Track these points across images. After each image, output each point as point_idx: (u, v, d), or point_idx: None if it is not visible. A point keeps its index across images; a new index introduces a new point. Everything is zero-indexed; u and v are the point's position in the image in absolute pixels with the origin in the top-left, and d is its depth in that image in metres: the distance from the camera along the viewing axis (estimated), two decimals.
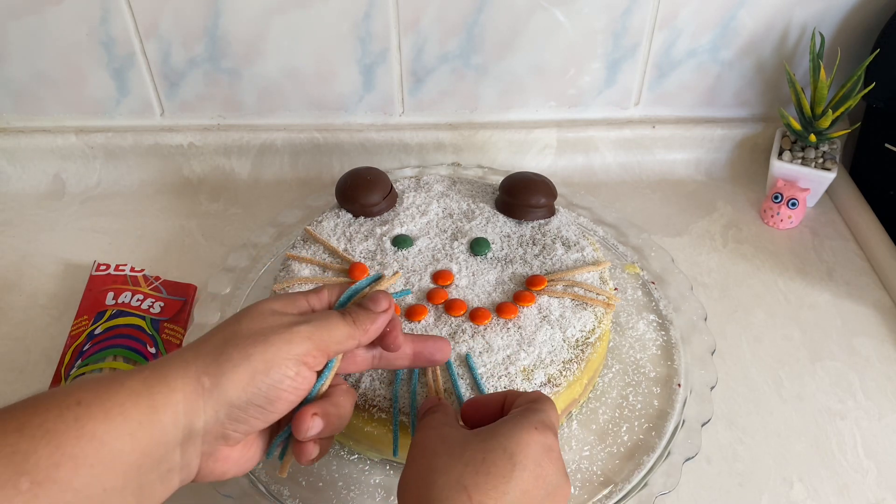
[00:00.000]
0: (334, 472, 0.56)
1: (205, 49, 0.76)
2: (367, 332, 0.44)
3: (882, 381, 0.63)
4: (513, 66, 0.78)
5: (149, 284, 0.68)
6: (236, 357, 0.39)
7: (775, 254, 0.74)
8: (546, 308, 0.56)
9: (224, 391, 0.38)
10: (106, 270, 0.69)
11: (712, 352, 0.62)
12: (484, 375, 0.52)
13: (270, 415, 0.41)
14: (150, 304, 0.66)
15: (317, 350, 0.41)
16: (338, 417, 0.43)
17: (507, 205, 0.65)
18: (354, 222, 0.64)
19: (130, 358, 0.61)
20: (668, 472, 0.54)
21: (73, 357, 0.61)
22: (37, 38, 0.74)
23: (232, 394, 0.39)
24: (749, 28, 0.76)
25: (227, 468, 0.41)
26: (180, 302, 0.67)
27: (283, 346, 0.40)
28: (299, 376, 0.41)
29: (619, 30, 0.75)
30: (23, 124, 0.81)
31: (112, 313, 0.64)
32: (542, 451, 0.40)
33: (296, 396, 0.41)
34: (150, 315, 0.65)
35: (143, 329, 0.64)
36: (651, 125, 0.82)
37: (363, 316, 0.44)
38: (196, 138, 0.81)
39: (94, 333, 0.63)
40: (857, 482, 0.56)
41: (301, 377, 0.41)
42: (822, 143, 0.76)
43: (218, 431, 0.39)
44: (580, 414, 0.59)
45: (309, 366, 0.41)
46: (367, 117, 0.82)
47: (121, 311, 0.65)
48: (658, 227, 0.77)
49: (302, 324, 0.41)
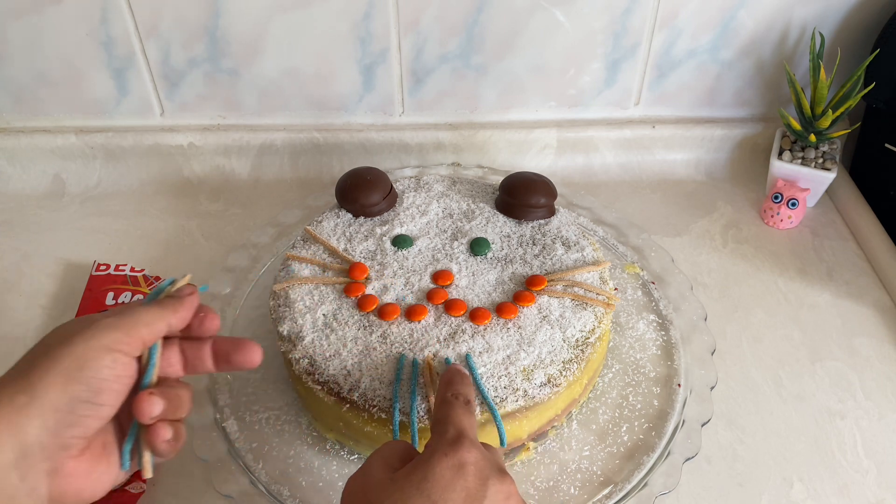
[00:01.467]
0: (334, 472, 0.56)
1: (205, 49, 0.76)
2: (176, 312, 0.44)
3: (882, 381, 0.63)
4: (513, 66, 0.78)
5: (149, 284, 0.68)
6: (45, 365, 0.38)
7: (775, 254, 0.74)
8: (546, 308, 0.56)
9: (42, 400, 0.37)
10: (106, 270, 0.69)
11: (712, 352, 0.62)
12: (484, 375, 0.52)
13: (100, 408, 0.39)
14: None
15: (126, 336, 0.41)
16: (177, 397, 0.43)
17: (507, 205, 0.65)
18: (354, 222, 0.64)
19: None
20: (668, 472, 0.54)
21: None
22: (37, 38, 0.74)
23: (52, 398, 0.37)
24: (749, 28, 0.76)
25: (80, 485, 0.40)
26: None
27: (89, 340, 0.39)
28: (117, 363, 0.40)
29: (619, 30, 0.75)
30: (23, 124, 0.81)
31: None
32: (457, 474, 0.39)
33: (121, 385, 0.40)
34: None
35: None
36: (651, 125, 0.82)
37: (169, 300, 0.44)
38: (196, 138, 0.81)
39: None
40: (857, 482, 0.56)
41: (120, 364, 0.40)
42: (822, 143, 0.76)
43: (55, 442, 0.38)
44: (580, 414, 0.59)
45: (124, 352, 0.40)
46: (367, 117, 0.82)
47: None
48: (658, 227, 0.77)
49: (104, 318, 0.41)
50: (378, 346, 0.54)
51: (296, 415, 0.59)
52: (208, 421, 0.58)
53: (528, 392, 0.52)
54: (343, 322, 0.55)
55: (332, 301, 0.57)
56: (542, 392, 0.52)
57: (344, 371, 0.53)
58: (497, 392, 0.51)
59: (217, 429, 0.57)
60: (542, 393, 0.52)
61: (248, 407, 0.60)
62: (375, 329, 0.55)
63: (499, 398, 0.51)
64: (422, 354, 0.53)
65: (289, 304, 0.57)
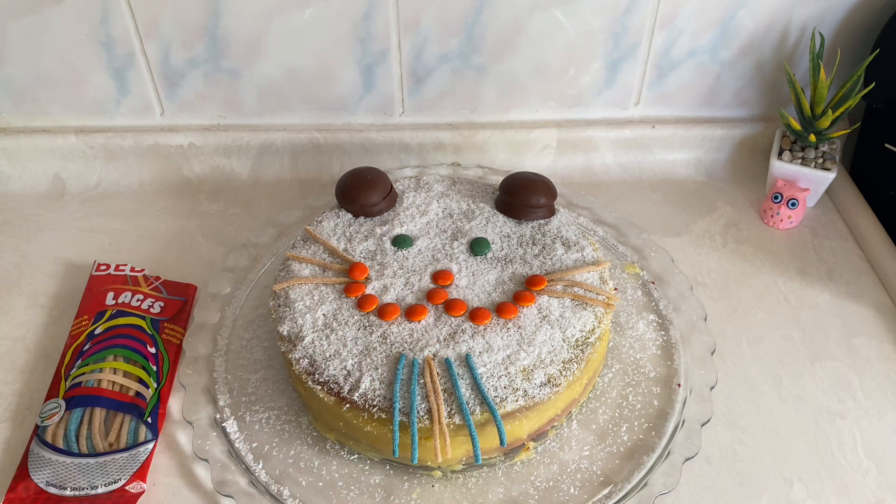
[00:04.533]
0: (334, 472, 0.56)
1: (205, 49, 0.76)
2: None
3: (882, 381, 0.63)
4: (513, 66, 0.78)
5: (149, 284, 0.68)
6: None
7: (775, 254, 0.74)
8: (546, 308, 0.56)
9: None
10: (106, 270, 0.69)
11: (712, 352, 0.62)
12: (484, 375, 0.52)
13: None
14: (151, 304, 0.66)
15: None
16: None
17: (507, 205, 0.65)
18: (354, 222, 0.64)
19: (131, 358, 0.61)
20: (667, 472, 0.54)
21: (74, 357, 0.61)
22: (37, 38, 0.74)
23: None
24: (749, 28, 0.76)
25: None
26: (180, 302, 0.67)
27: None
28: None
29: (619, 30, 0.75)
30: (23, 124, 0.81)
31: (112, 313, 0.64)
32: None
33: None
34: (150, 315, 0.65)
35: (143, 329, 0.64)
36: (651, 125, 0.82)
37: None
38: (196, 138, 0.81)
39: (94, 333, 0.63)
40: (857, 482, 0.56)
41: None
42: (822, 143, 0.76)
43: None
44: (580, 414, 0.59)
45: None
46: (367, 117, 0.82)
47: (121, 311, 0.65)
48: (658, 227, 0.77)
49: None
50: (378, 346, 0.54)
51: (296, 415, 0.59)
52: (208, 421, 0.58)
53: (528, 392, 0.52)
54: (343, 322, 0.55)
55: (332, 301, 0.57)
56: (542, 392, 0.52)
57: (344, 371, 0.53)
58: (497, 392, 0.51)
59: (217, 429, 0.57)
60: (542, 393, 0.52)
61: (248, 407, 0.60)
62: (375, 329, 0.55)
63: (499, 398, 0.51)
64: (422, 354, 0.53)
65: (289, 304, 0.57)
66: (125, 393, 0.59)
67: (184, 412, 0.58)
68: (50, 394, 0.60)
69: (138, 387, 0.59)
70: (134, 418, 0.58)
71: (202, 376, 0.61)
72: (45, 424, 0.57)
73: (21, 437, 0.59)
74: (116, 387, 0.59)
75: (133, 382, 0.59)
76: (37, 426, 0.57)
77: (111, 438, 0.56)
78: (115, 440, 0.56)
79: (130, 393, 0.59)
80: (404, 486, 0.55)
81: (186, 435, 0.59)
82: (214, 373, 0.61)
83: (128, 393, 0.59)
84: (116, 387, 0.59)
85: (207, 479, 0.55)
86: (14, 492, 0.54)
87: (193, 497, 0.56)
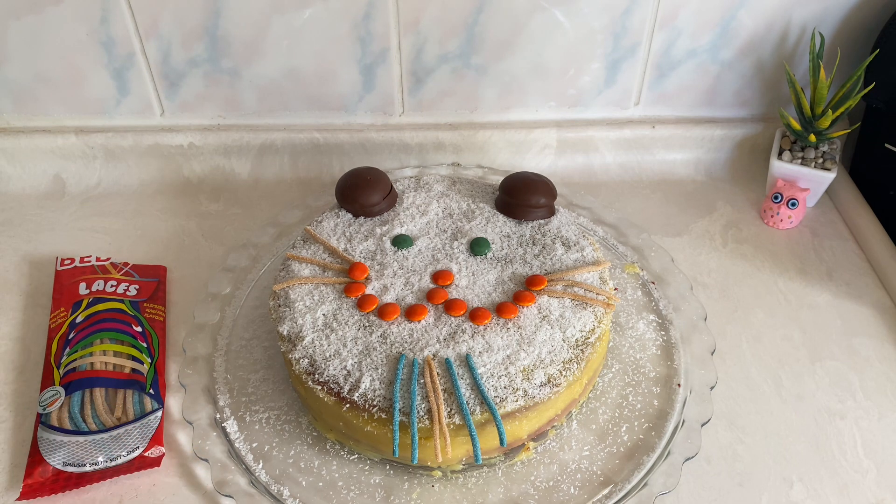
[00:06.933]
0: (334, 472, 0.56)
1: (205, 49, 0.76)
2: None
3: (882, 381, 0.63)
4: (513, 66, 0.78)
5: (119, 271, 0.69)
6: None
7: (775, 254, 0.74)
8: (546, 308, 0.56)
9: None
10: (71, 264, 0.70)
11: (712, 352, 0.62)
12: (484, 375, 0.52)
13: None
14: (126, 287, 0.67)
15: None
16: None
17: (507, 205, 0.65)
18: (354, 222, 0.64)
19: (118, 339, 0.62)
20: (667, 472, 0.54)
21: (60, 347, 0.62)
22: (37, 38, 0.74)
23: None
24: (749, 28, 0.76)
25: None
26: (154, 283, 0.69)
27: None
28: None
29: (619, 30, 0.75)
30: (23, 124, 0.81)
31: (89, 301, 0.65)
32: None
33: None
34: (127, 298, 0.66)
35: (124, 311, 0.64)
36: (651, 125, 0.82)
37: None
38: (196, 138, 0.81)
39: (76, 322, 0.63)
40: (857, 482, 0.56)
41: None
42: (822, 143, 0.76)
43: None
44: (580, 414, 0.59)
45: None
46: (367, 117, 0.82)
47: (98, 299, 0.65)
48: (658, 227, 0.77)
49: None
50: (378, 346, 0.54)
51: (296, 415, 0.59)
52: (208, 421, 0.58)
53: (528, 392, 0.52)
54: (343, 322, 0.55)
55: (332, 301, 0.57)
56: (541, 392, 0.52)
57: (344, 371, 0.53)
58: (497, 392, 0.51)
59: (217, 429, 0.57)
60: (541, 393, 0.52)
61: (248, 407, 0.60)
62: (375, 329, 0.55)
63: (499, 398, 0.51)
64: (422, 354, 0.53)
65: (289, 304, 0.57)
66: (121, 371, 0.60)
67: (184, 412, 0.58)
68: (44, 385, 0.60)
69: (133, 364, 0.60)
70: (136, 392, 0.59)
71: (202, 376, 0.61)
72: (47, 412, 0.57)
73: (25, 434, 0.59)
74: (111, 366, 0.60)
75: (126, 360, 0.60)
76: (39, 415, 0.57)
77: (118, 413, 0.57)
78: (122, 414, 0.57)
79: (126, 370, 0.60)
80: (404, 486, 0.55)
81: (186, 435, 0.59)
82: (214, 373, 0.61)
83: (123, 370, 0.60)
84: (111, 366, 0.60)
85: (207, 479, 0.55)
86: (31, 477, 0.54)
87: (193, 497, 0.56)
